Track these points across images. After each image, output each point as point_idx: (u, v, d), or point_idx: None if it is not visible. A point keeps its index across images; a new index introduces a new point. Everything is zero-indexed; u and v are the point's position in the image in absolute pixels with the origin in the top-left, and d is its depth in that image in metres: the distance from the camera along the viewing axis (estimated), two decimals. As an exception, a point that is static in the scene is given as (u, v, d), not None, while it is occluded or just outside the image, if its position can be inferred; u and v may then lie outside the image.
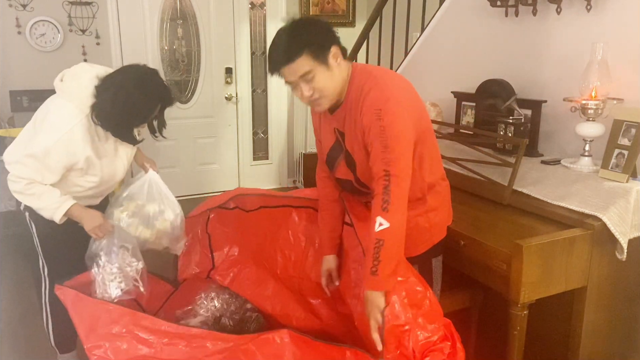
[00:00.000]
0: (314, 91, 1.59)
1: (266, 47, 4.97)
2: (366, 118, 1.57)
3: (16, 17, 4.04)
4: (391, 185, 1.51)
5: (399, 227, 1.53)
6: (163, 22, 4.60)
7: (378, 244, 1.50)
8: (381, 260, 1.50)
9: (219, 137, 4.99)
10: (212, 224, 2.36)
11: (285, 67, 1.56)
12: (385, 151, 1.53)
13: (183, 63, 4.76)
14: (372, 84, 1.59)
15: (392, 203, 1.50)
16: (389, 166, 1.52)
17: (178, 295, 2.30)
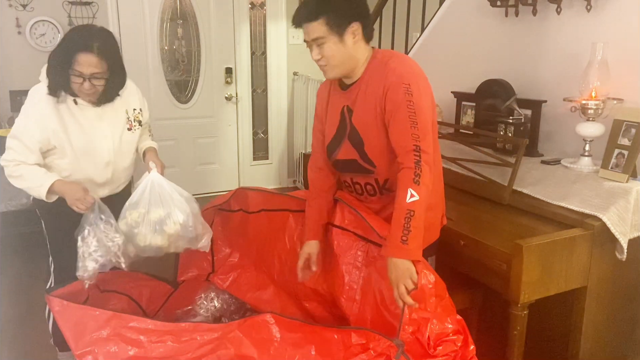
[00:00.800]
0: (321, 57, 1.66)
1: (266, 47, 4.97)
2: (393, 91, 1.60)
3: (16, 17, 4.04)
4: (422, 160, 1.56)
5: (426, 200, 1.57)
6: (163, 22, 4.60)
7: (409, 215, 1.53)
8: (411, 230, 1.53)
9: (219, 137, 4.99)
10: (216, 228, 2.37)
11: (303, 25, 1.64)
12: (415, 127, 1.57)
13: (183, 63, 4.76)
14: (398, 61, 1.65)
15: (422, 177, 1.55)
16: (419, 142, 1.57)
17: (178, 295, 2.30)
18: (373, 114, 1.67)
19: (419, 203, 1.54)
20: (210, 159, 5.00)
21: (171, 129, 4.77)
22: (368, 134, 1.71)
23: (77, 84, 1.87)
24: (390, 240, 1.58)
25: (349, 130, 1.76)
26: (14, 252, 3.44)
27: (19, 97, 3.94)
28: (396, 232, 1.55)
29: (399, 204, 1.57)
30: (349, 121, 1.75)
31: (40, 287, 3.05)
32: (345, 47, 1.64)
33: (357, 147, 1.75)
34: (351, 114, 1.74)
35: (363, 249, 1.87)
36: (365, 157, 1.75)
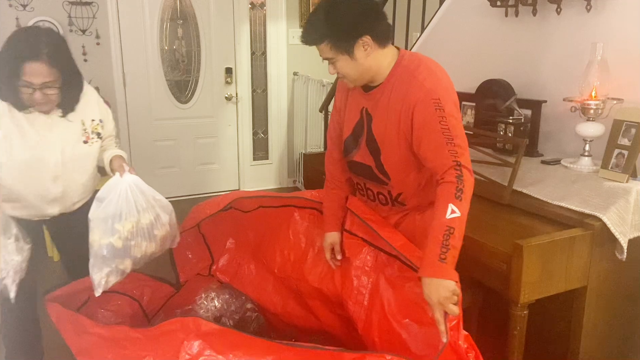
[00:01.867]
0: (337, 72, 1.62)
1: (266, 47, 4.98)
2: (422, 107, 1.53)
3: (16, 17, 4.04)
4: (464, 176, 1.51)
5: (465, 218, 1.51)
6: (163, 22, 4.60)
7: (449, 232, 1.46)
8: (450, 249, 1.45)
9: (219, 137, 4.99)
10: (205, 226, 2.35)
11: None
12: (452, 143, 1.52)
13: (183, 63, 4.76)
14: (426, 72, 1.57)
15: (464, 192, 1.50)
16: (458, 157, 1.52)
17: (178, 295, 2.30)
18: (395, 127, 1.61)
19: (459, 220, 1.48)
20: (210, 159, 5.00)
21: (171, 129, 4.77)
22: (386, 144, 1.65)
23: (27, 95, 1.71)
24: (428, 259, 1.48)
25: (366, 135, 1.70)
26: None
27: (19, 97, 3.94)
28: (434, 250, 1.46)
29: (438, 220, 1.49)
30: (368, 126, 1.69)
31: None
32: (357, 62, 1.57)
33: (374, 155, 1.70)
34: (370, 119, 1.68)
35: (372, 253, 1.86)
36: (381, 168, 1.69)
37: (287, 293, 2.19)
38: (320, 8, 1.58)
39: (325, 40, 1.55)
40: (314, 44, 1.59)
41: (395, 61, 1.63)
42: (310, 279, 2.08)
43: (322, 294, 2.04)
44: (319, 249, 2.07)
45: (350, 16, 1.54)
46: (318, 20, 1.56)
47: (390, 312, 1.73)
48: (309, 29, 1.59)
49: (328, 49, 1.57)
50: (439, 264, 1.45)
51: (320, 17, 1.56)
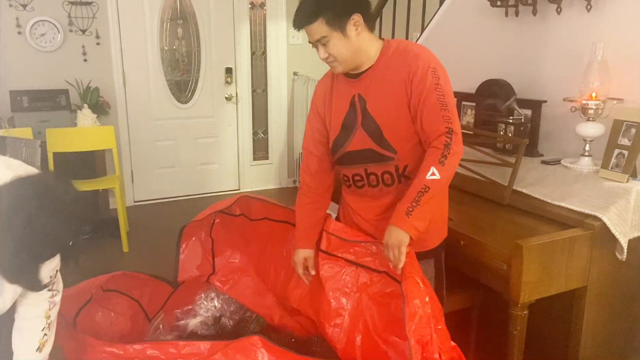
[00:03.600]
0: (329, 55, 1.66)
1: (266, 47, 4.98)
2: (421, 75, 1.61)
3: (16, 17, 4.04)
4: (452, 143, 1.58)
5: (445, 183, 1.62)
6: (163, 22, 4.60)
7: (424, 189, 1.57)
8: (420, 205, 1.56)
9: (219, 137, 4.99)
10: (217, 229, 2.37)
11: (305, 28, 1.64)
12: (445, 109, 1.60)
13: (183, 63, 4.76)
14: (418, 47, 1.69)
15: (449, 159, 1.58)
16: (450, 124, 1.59)
17: (178, 295, 2.30)
18: (395, 99, 1.66)
19: (437, 182, 1.57)
20: (210, 159, 5.00)
21: (171, 129, 4.77)
22: (387, 119, 1.68)
23: None
24: (397, 209, 1.61)
25: (360, 119, 1.71)
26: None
27: (19, 97, 3.94)
28: (405, 203, 1.59)
29: (417, 178, 1.60)
30: (362, 109, 1.71)
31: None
32: (349, 40, 1.63)
33: (373, 135, 1.71)
34: (364, 102, 1.71)
35: (352, 274, 1.83)
36: (385, 144, 1.70)
37: (284, 308, 2.20)
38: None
39: (321, 16, 1.60)
40: (309, 21, 1.62)
41: (382, 46, 1.71)
42: (291, 299, 2.09)
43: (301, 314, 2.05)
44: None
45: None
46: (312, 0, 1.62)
47: (375, 330, 1.72)
48: (302, 9, 1.64)
49: (323, 26, 1.61)
50: (404, 216, 1.58)
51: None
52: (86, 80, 4.24)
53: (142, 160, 4.71)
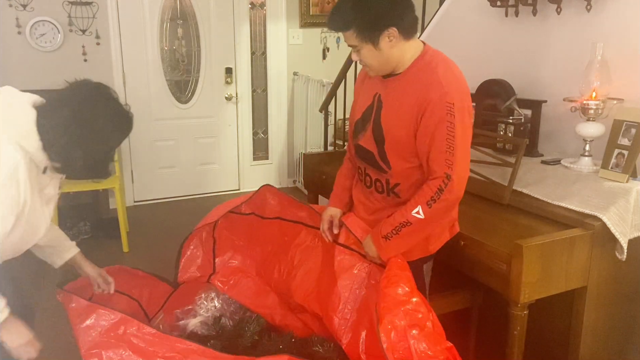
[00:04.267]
0: (360, 59, 1.64)
1: (266, 47, 4.98)
2: (435, 108, 1.54)
3: (16, 17, 4.04)
4: (445, 190, 1.56)
5: (428, 224, 1.63)
6: (163, 22, 4.60)
7: (406, 223, 1.62)
8: (399, 235, 1.63)
9: (219, 137, 4.99)
10: (219, 229, 2.37)
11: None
12: (450, 152, 1.54)
13: (183, 63, 4.76)
14: (447, 72, 1.59)
15: (437, 203, 1.57)
16: (450, 170, 1.55)
17: (178, 295, 2.30)
18: (405, 119, 1.61)
19: (420, 221, 1.60)
20: (210, 159, 5.00)
21: (171, 129, 4.77)
22: (392, 135, 1.66)
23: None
24: (377, 231, 1.70)
25: (373, 121, 1.71)
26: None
27: (19, 97, 3.94)
28: (385, 228, 1.66)
29: (405, 210, 1.63)
30: (377, 111, 1.70)
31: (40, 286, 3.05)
32: (381, 52, 1.58)
33: (378, 143, 1.71)
34: (380, 106, 1.69)
35: (365, 270, 1.85)
36: (383, 156, 1.71)
37: (287, 307, 2.20)
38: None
39: (352, 27, 1.55)
40: (340, 30, 1.59)
41: (418, 54, 1.64)
42: (295, 296, 2.10)
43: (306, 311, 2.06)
44: (309, 269, 2.08)
45: (378, 6, 1.54)
46: (346, 7, 1.56)
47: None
48: (335, 15, 1.59)
49: (353, 37, 1.57)
50: (382, 240, 1.67)
51: (349, 4, 1.55)
52: (86, 81, 4.24)
53: (142, 160, 4.71)
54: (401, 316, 1.53)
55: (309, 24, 5.05)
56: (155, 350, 1.63)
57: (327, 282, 1.94)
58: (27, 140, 1.38)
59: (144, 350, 1.63)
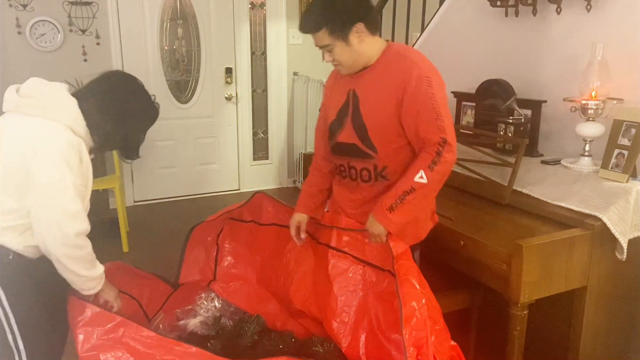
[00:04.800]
0: (333, 59, 1.74)
1: (266, 47, 4.98)
2: (416, 84, 1.65)
3: (16, 17, 4.04)
4: (444, 151, 1.64)
5: (433, 188, 1.69)
6: (163, 22, 4.60)
7: (410, 190, 1.66)
8: (404, 204, 1.66)
9: (219, 137, 4.99)
10: (224, 236, 2.38)
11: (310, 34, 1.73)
12: (440, 119, 1.65)
13: (183, 63, 4.76)
14: (417, 55, 1.74)
15: (438, 165, 1.64)
16: (444, 133, 1.65)
17: (178, 295, 2.30)
18: (385, 102, 1.71)
19: (423, 185, 1.65)
20: (210, 159, 5.00)
21: (171, 129, 4.77)
22: (374, 120, 1.74)
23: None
24: (381, 203, 1.71)
25: (351, 113, 1.79)
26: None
27: (19, 97, 3.94)
28: (389, 199, 1.69)
29: (406, 178, 1.68)
30: (354, 105, 1.79)
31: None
32: (352, 48, 1.70)
33: (359, 132, 1.78)
34: (357, 99, 1.78)
35: (359, 272, 1.85)
36: (368, 142, 1.77)
37: (288, 315, 2.21)
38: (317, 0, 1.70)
39: (323, 27, 1.67)
40: (313, 31, 1.70)
41: (384, 47, 1.77)
42: (294, 301, 2.10)
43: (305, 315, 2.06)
44: (304, 272, 2.09)
45: (345, 5, 1.67)
46: (316, 9, 1.69)
47: (379, 328, 1.73)
48: (307, 17, 1.71)
49: (326, 36, 1.68)
50: (386, 212, 1.68)
51: (318, 6, 1.69)
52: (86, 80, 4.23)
53: (142, 160, 4.70)
54: (422, 305, 1.53)
55: (309, 24, 5.04)
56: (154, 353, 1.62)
57: (323, 286, 1.94)
58: (77, 125, 1.53)
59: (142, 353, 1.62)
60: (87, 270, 1.59)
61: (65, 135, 1.48)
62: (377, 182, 1.82)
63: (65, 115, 1.52)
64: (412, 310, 1.51)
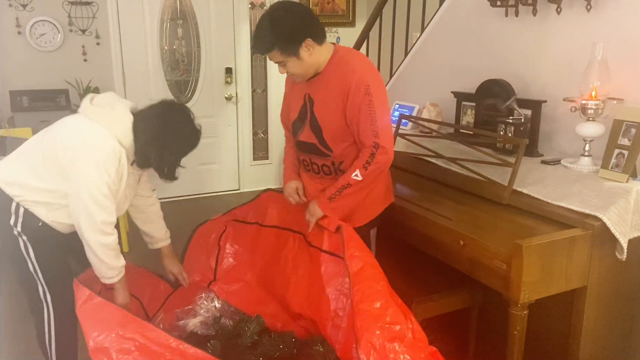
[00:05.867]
0: (287, 72, 1.92)
1: (266, 47, 4.98)
2: (355, 91, 1.85)
3: (16, 17, 4.05)
4: (377, 154, 1.87)
5: (365, 185, 1.92)
6: (163, 22, 4.60)
7: (347, 185, 1.92)
8: (342, 197, 1.93)
9: (219, 137, 4.99)
10: (225, 238, 2.38)
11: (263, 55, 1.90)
12: (375, 124, 1.85)
13: (183, 63, 4.76)
14: (358, 61, 1.93)
15: (371, 166, 1.88)
16: (377, 138, 1.86)
17: (178, 294, 2.30)
18: (334, 107, 1.91)
19: (358, 182, 1.90)
20: (210, 159, 5.00)
21: (171, 129, 4.77)
22: (327, 123, 1.95)
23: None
24: (323, 194, 1.97)
25: (309, 117, 1.99)
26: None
27: (19, 97, 3.94)
28: (330, 191, 1.95)
29: (345, 175, 1.93)
30: (310, 108, 1.99)
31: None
32: (303, 62, 1.87)
33: (316, 134, 1.99)
34: (312, 103, 1.98)
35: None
36: (324, 143, 1.99)
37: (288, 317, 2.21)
38: (264, 22, 1.83)
39: (275, 47, 1.83)
40: (266, 52, 1.86)
41: (331, 53, 1.94)
42: (292, 304, 2.11)
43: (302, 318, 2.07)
44: (301, 275, 2.11)
45: (291, 25, 1.82)
46: (265, 33, 1.83)
47: None
48: (258, 41, 1.87)
49: (278, 55, 1.85)
50: (326, 200, 1.95)
51: (267, 30, 1.82)
52: (86, 80, 4.25)
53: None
54: (379, 333, 1.54)
55: (309, 24, 5.04)
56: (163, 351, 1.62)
57: (318, 289, 1.95)
58: (125, 138, 1.79)
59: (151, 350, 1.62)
60: (110, 258, 1.82)
61: (111, 142, 1.76)
62: (337, 175, 2.02)
63: (117, 127, 1.79)
64: (368, 342, 1.52)
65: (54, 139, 1.82)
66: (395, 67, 3.70)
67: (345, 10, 5.28)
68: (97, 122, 1.80)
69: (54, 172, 1.79)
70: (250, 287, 2.36)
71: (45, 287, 1.91)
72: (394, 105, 3.16)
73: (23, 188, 1.82)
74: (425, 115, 2.89)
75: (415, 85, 3.34)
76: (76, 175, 1.75)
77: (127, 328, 1.64)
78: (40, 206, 1.82)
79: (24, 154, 1.90)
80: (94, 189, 1.75)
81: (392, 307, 1.62)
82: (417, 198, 2.28)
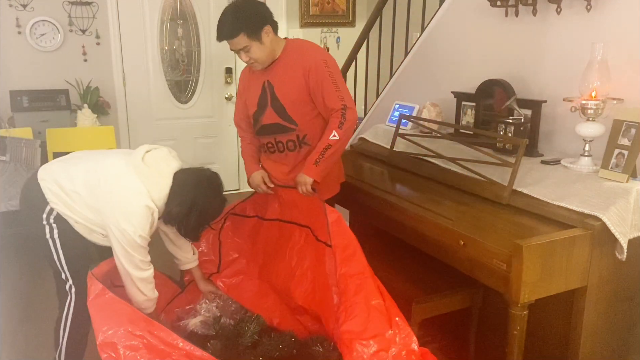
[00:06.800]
0: (249, 58, 2.16)
1: (266, 47, 4.98)
2: (316, 67, 2.13)
3: (16, 17, 4.05)
4: (347, 113, 2.13)
5: (343, 143, 2.16)
6: (163, 22, 4.60)
7: (328, 147, 2.13)
8: (325, 158, 2.13)
9: (219, 137, 4.99)
10: (225, 232, 2.39)
11: (228, 41, 2.13)
12: (338, 90, 2.14)
13: (183, 63, 4.76)
14: (310, 45, 2.26)
15: (345, 124, 2.13)
16: (344, 101, 2.14)
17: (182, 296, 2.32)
18: (295, 84, 2.16)
19: (337, 141, 2.13)
20: (210, 158, 5.00)
21: (171, 129, 4.77)
22: (290, 100, 2.18)
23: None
24: (308, 160, 2.16)
25: (270, 100, 2.22)
26: (14, 252, 3.44)
27: (19, 97, 3.94)
28: (314, 156, 2.15)
29: (323, 138, 2.15)
30: (270, 92, 2.22)
31: (40, 286, 3.05)
32: (265, 46, 2.13)
33: (279, 112, 2.21)
34: (272, 87, 2.21)
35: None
36: (288, 118, 2.21)
37: (287, 310, 2.22)
38: (228, 10, 2.10)
39: (242, 31, 2.07)
40: (232, 37, 2.09)
41: (284, 43, 2.22)
42: (295, 296, 2.12)
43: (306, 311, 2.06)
44: (306, 268, 2.13)
45: (254, 11, 2.11)
46: (230, 18, 2.08)
47: None
48: (224, 28, 2.10)
49: (245, 39, 2.08)
50: (313, 166, 2.14)
51: (231, 17, 2.08)
52: (86, 80, 4.25)
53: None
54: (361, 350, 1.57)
55: (309, 24, 5.05)
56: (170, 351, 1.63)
57: (322, 283, 1.95)
58: (158, 199, 1.93)
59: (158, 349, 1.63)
60: (148, 291, 1.96)
61: (145, 201, 1.88)
62: (301, 149, 2.26)
63: (155, 190, 1.92)
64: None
65: (99, 185, 1.93)
66: (395, 67, 3.69)
67: (345, 10, 5.28)
68: (139, 176, 1.92)
69: (93, 207, 1.93)
70: (252, 280, 2.37)
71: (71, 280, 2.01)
72: (394, 105, 3.16)
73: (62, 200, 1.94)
74: (425, 115, 2.89)
75: (415, 85, 3.34)
76: (109, 222, 1.88)
77: (137, 325, 1.65)
78: (79, 227, 1.97)
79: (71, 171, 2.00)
80: (125, 238, 1.87)
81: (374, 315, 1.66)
82: (417, 198, 2.28)
